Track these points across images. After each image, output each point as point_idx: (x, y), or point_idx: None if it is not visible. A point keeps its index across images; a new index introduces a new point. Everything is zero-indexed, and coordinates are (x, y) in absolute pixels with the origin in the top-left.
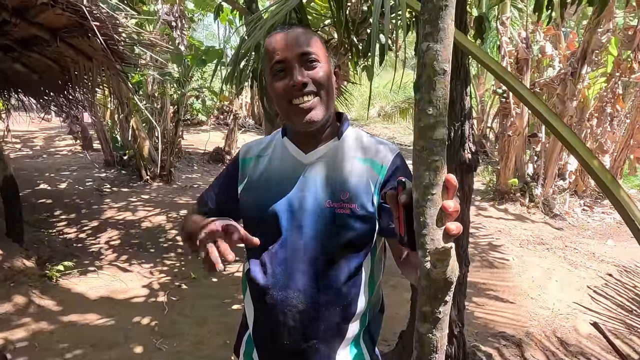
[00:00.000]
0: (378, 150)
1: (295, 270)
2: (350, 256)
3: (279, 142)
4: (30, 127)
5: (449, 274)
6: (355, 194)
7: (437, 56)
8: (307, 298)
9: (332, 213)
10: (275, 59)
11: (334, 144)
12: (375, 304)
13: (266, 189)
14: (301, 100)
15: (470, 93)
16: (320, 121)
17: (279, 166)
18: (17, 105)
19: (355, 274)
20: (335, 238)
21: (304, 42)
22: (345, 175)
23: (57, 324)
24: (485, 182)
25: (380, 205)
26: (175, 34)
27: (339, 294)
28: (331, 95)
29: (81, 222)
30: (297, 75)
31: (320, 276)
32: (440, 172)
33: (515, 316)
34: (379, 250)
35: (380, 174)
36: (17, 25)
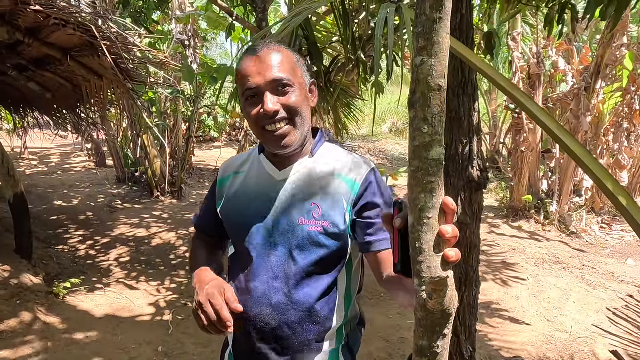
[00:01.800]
0: (351, 166)
1: (268, 287)
2: (323, 273)
3: (255, 159)
4: (45, 144)
5: (447, 305)
6: (328, 211)
7: (432, 71)
8: (279, 315)
9: (305, 230)
10: (246, 86)
11: (309, 160)
12: (352, 318)
13: (242, 205)
14: (274, 127)
15: (478, 109)
16: (295, 145)
17: (254, 183)
18: (33, 123)
19: (329, 291)
20: (308, 255)
21: (275, 66)
22: (317, 193)
23: (61, 342)
24: (499, 199)
25: (354, 221)
26: (189, 52)
27: (312, 310)
28: (305, 118)
29: (92, 239)
30: (268, 103)
31: (293, 293)
32: (437, 194)
33: (531, 339)
34: (355, 265)
35: (352, 190)
36: (31, 45)
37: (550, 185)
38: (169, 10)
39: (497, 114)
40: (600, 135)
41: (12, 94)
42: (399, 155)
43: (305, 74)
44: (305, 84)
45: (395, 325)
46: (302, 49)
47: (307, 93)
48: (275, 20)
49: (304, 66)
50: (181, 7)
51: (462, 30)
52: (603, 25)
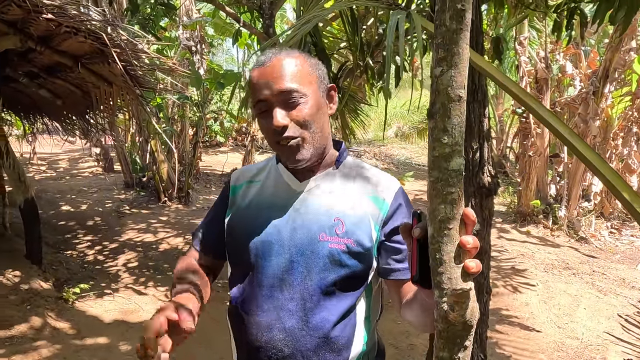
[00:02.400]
0: (380, 183)
1: (282, 309)
2: (343, 295)
3: (273, 168)
4: (54, 150)
5: (468, 317)
6: (352, 228)
7: (452, 82)
8: (294, 341)
9: (326, 248)
10: (256, 98)
11: (332, 172)
12: (371, 349)
13: (255, 216)
14: (286, 141)
15: (488, 114)
16: (309, 159)
17: (271, 193)
18: (42, 129)
19: (347, 315)
20: (328, 275)
21: (286, 76)
22: (341, 207)
23: (70, 347)
24: (506, 204)
25: (381, 243)
26: (195, 58)
27: (328, 337)
28: (319, 129)
29: (100, 244)
30: (277, 118)
31: (309, 317)
32: (457, 205)
33: (541, 346)
34: (375, 290)
35: (382, 210)
36: (42, 53)
37: (559, 190)
38: (176, 17)
39: (503, 119)
40: (609, 140)
41: (23, 100)
42: (405, 159)
43: (322, 80)
44: (322, 90)
45: (404, 332)
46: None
47: (324, 100)
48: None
49: (320, 71)
50: (188, 13)
51: (472, 36)
52: (611, 29)
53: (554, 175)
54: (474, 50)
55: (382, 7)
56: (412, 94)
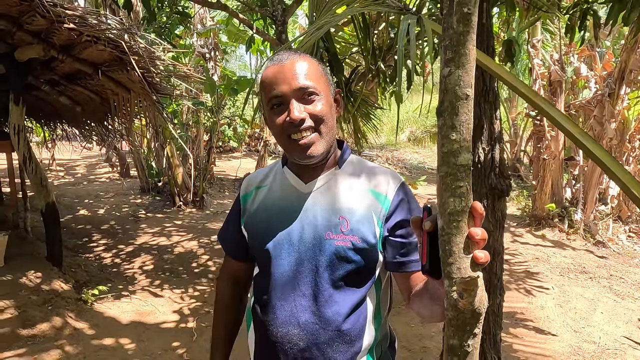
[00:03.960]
0: (381, 180)
1: (295, 306)
2: (352, 289)
3: (279, 172)
4: (73, 156)
5: (477, 304)
6: (357, 226)
7: (460, 81)
8: (308, 335)
9: (332, 245)
10: (272, 94)
11: (335, 172)
12: (383, 339)
13: (266, 220)
14: (299, 135)
15: (500, 116)
16: (321, 155)
17: (278, 196)
18: (61, 135)
19: (357, 308)
20: (336, 271)
21: (301, 74)
22: (346, 206)
23: (89, 347)
24: (521, 208)
25: (385, 238)
26: (209, 65)
27: (341, 329)
28: (331, 127)
29: (117, 247)
30: (294, 111)
31: (321, 311)
32: (466, 198)
33: (557, 350)
34: (384, 284)
35: (384, 205)
36: (64, 61)
37: (574, 193)
38: (191, 25)
39: (517, 122)
40: (626, 142)
41: (44, 107)
42: (418, 164)
43: (330, 84)
44: (331, 93)
45: (417, 334)
46: (323, 60)
47: (333, 102)
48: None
49: (329, 75)
50: (202, 21)
51: (483, 39)
52: (627, 30)
53: (570, 179)
54: (484, 53)
55: (393, 12)
56: (424, 98)
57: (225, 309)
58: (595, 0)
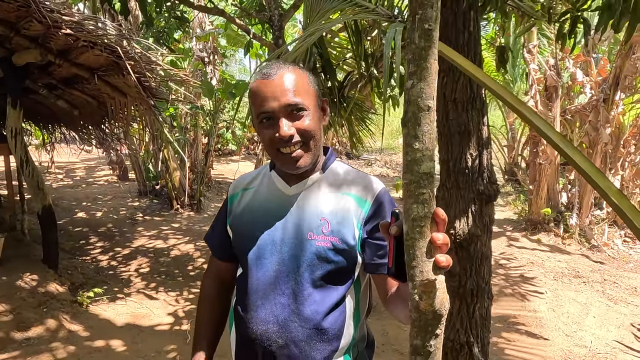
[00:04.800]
0: (363, 184)
1: (275, 304)
2: (331, 289)
3: (266, 175)
4: (71, 159)
5: (437, 306)
6: (337, 227)
7: (422, 93)
8: (287, 333)
9: (313, 245)
10: (261, 109)
11: (319, 177)
12: (360, 339)
13: (250, 221)
14: (289, 150)
15: (487, 122)
16: (309, 166)
17: (264, 198)
18: (60, 138)
19: (336, 307)
20: (316, 270)
21: (290, 90)
22: (327, 209)
23: (83, 349)
24: (517, 212)
25: (364, 240)
26: (208, 68)
27: (319, 328)
28: (318, 139)
29: (114, 250)
30: (283, 128)
31: (300, 310)
32: (429, 204)
33: (548, 354)
34: (363, 286)
35: (363, 209)
36: (61, 66)
37: (570, 198)
38: (189, 29)
39: (515, 126)
40: (620, 147)
41: (42, 111)
42: None
43: (318, 94)
44: (318, 103)
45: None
46: (317, 65)
47: (320, 113)
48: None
49: (317, 86)
50: (201, 25)
51: (470, 47)
52: (621, 36)
53: (565, 183)
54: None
55: (383, 19)
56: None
57: (209, 307)
58: (585, 8)
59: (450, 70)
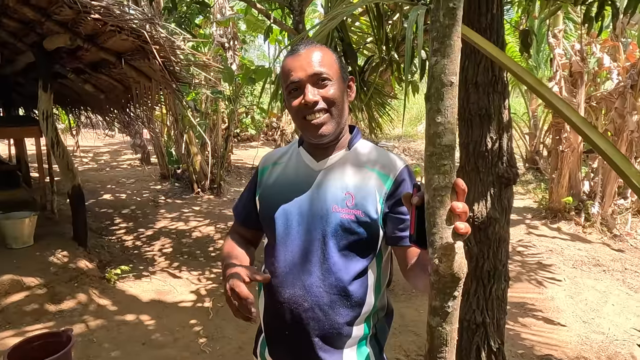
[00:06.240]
0: (386, 162)
1: (302, 270)
2: (354, 259)
3: (295, 151)
4: (96, 143)
5: (456, 269)
6: (361, 201)
7: (445, 69)
8: (312, 297)
9: (337, 217)
10: (290, 80)
11: (345, 153)
12: (380, 308)
13: (279, 193)
14: (313, 116)
15: (509, 106)
16: (331, 134)
17: (292, 172)
18: (85, 123)
19: (359, 277)
20: (340, 241)
21: (316, 62)
22: (352, 183)
23: (113, 322)
24: (538, 200)
25: (386, 214)
26: (228, 54)
27: (343, 294)
28: (342, 110)
29: (138, 231)
30: (308, 95)
31: (325, 276)
32: (449, 175)
33: (565, 339)
34: (385, 258)
35: (386, 184)
36: (89, 50)
37: (593, 187)
38: (210, 15)
39: (537, 114)
40: None
41: (70, 95)
42: None
43: (343, 71)
44: (344, 79)
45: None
46: (337, 49)
47: (346, 88)
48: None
49: (342, 63)
50: (222, 10)
51: (493, 29)
52: None
53: (588, 171)
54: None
55: (405, 2)
56: None
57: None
58: None
59: (472, 53)
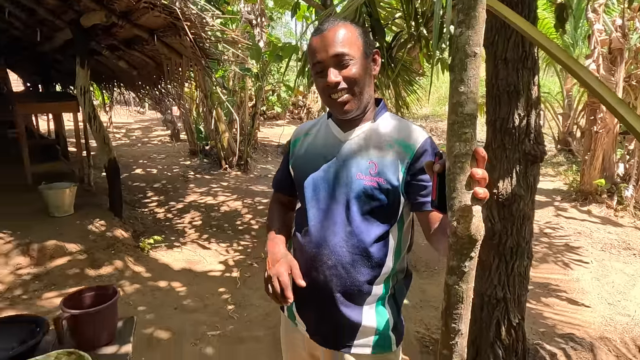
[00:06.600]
0: (409, 133)
1: (328, 232)
2: (376, 223)
3: (324, 123)
4: (128, 119)
5: (473, 231)
6: (383, 169)
7: (469, 40)
8: (336, 256)
9: (361, 184)
10: (314, 61)
11: (370, 125)
12: (400, 271)
13: (309, 162)
14: (337, 95)
15: (538, 82)
16: (355, 110)
17: (321, 143)
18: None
19: (380, 240)
20: (363, 206)
21: (338, 42)
22: (375, 153)
23: (147, 288)
24: (568, 183)
25: (408, 182)
26: (255, 31)
27: (365, 255)
28: (364, 87)
29: (169, 204)
30: (330, 76)
31: (348, 238)
32: (470, 143)
33: (588, 320)
34: (406, 224)
35: (408, 154)
36: (123, 27)
37: (628, 169)
38: None
39: (572, 93)
40: None
41: (104, 71)
42: None
43: (367, 46)
44: (367, 54)
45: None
46: (366, 25)
47: (369, 62)
48: None
49: (366, 37)
50: None
51: (525, 2)
52: None
53: (624, 153)
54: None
55: None
56: None
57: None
58: None
59: (502, 28)
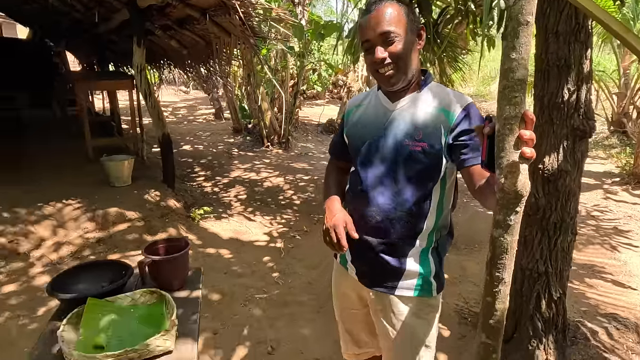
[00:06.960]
0: (452, 101)
1: (377, 191)
2: (420, 184)
3: (374, 94)
4: (174, 99)
5: (519, 187)
6: (427, 135)
7: (522, 9)
8: (384, 212)
9: (407, 149)
10: (363, 39)
11: (416, 95)
12: (442, 227)
13: (361, 129)
14: (384, 70)
15: (590, 56)
16: (400, 83)
17: (372, 112)
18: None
19: (424, 199)
20: (409, 169)
21: (384, 21)
22: (421, 120)
23: (198, 254)
24: (620, 165)
25: (450, 145)
26: (298, 9)
27: (409, 211)
28: (409, 61)
29: (215, 179)
30: (377, 53)
31: (395, 197)
32: (519, 106)
33: (633, 302)
34: (448, 184)
35: (450, 120)
36: (176, 7)
37: None
38: None
39: (630, 71)
40: None
41: (157, 51)
42: None
43: (412, 22)
44: (412, 30)
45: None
46: (412, 0)
47: (414, 38)
48: None
49: (411, 15)
50: None
51: None
52: None
53: None
54: None
55: None
56: None
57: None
58: None
59: (554, 0)
